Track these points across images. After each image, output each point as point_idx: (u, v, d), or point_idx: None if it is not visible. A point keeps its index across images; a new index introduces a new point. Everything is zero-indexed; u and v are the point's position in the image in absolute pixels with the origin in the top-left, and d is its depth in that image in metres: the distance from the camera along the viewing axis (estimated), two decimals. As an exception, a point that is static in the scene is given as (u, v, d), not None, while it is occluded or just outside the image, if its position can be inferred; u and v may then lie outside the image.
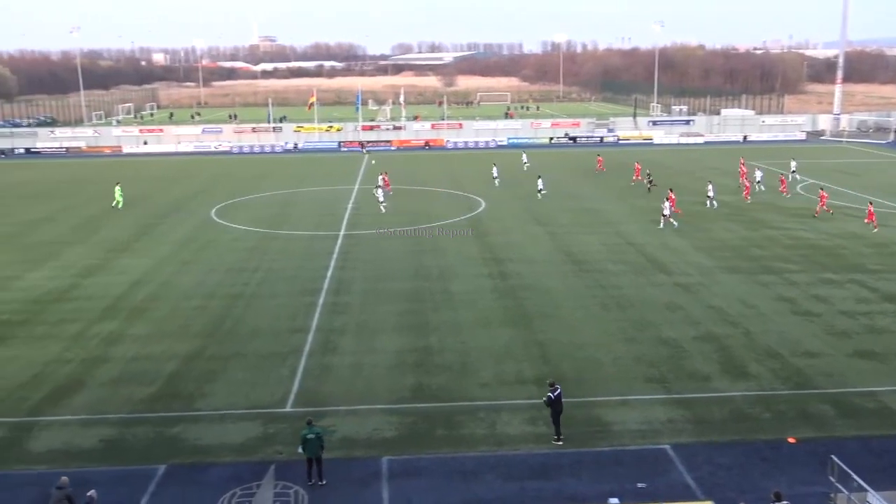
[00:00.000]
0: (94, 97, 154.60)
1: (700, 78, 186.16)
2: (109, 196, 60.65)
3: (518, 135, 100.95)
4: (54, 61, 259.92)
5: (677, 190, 53.50)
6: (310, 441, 19.08)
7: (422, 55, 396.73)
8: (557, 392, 21.12)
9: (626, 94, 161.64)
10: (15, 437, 21.80)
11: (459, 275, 37.19)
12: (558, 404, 21.09)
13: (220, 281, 36.74)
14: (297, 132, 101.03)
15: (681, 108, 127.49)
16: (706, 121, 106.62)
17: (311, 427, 19.28)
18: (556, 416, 21.15)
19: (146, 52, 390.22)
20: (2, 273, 38.72)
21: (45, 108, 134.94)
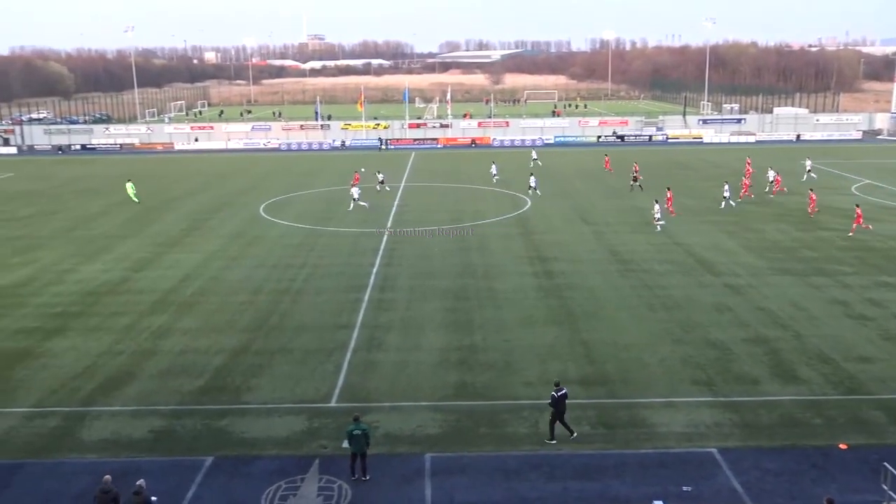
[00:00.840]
0: (148, 95, 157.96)
1: (752, 76, 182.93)
2: (162, 192, 61.94)
3: (565, 133, 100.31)
4: (110, 60, 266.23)
5: (730, 189, 52.65)
6: (356, 437, 19.21)
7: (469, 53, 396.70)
8: (561, 392, 21.04)
9: (676, 93, 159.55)
10: (68, 427, 22.36)
11: (504, 273, 37.11)
12: (561, 405, 21.00)
13: (267, 276, 37.21)
14: (345, 130, 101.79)
15: (732, 106, 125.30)
16: (758, 119, 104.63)
17: (358, 423, 19.42)
18: (554, 418, 21.04)
19: (198, 50, 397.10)
20: (58, 266, 39.74)
21: (100, 105, 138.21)
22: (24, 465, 20.28)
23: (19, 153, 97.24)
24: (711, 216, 49.60)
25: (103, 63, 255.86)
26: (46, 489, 19.15)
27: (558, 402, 20.98)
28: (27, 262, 40.82)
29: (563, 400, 21.03)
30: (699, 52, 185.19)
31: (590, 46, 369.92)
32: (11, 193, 64.05)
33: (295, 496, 18.70)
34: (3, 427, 22.32)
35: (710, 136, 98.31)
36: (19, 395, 24.39)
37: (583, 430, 21.61)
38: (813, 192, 50.28)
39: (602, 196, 57.54)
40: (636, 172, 61.12)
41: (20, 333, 29.93)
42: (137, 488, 16.90)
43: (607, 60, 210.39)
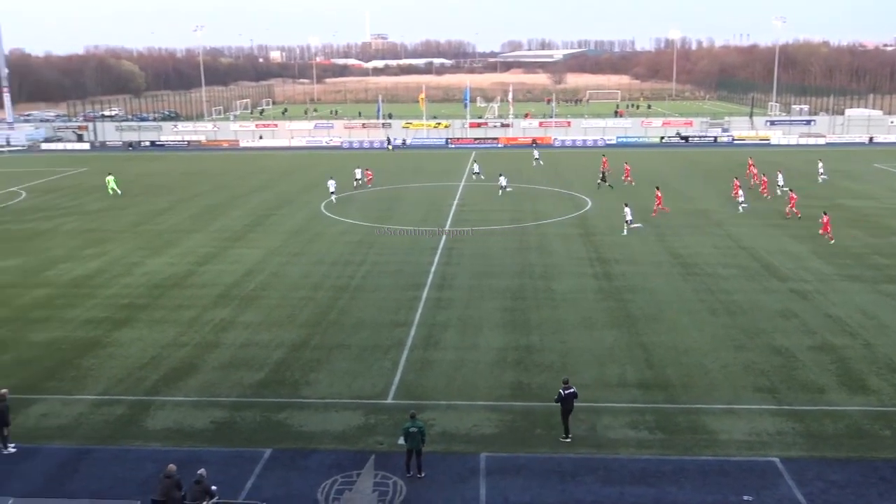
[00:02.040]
0: (215, 93, 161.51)
1: (823, 76, 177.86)
2: (227, 187, 63.22)
3: (627, 133, 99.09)
4: (179, 58, 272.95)
5: (798, 192, 51.32)
6: (412, 434, 19.32)
7: (531, 53, 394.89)
8: (569, 391, 20.84)
9: (743, 93, 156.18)
10: (133, 415, 23.01)
11: (563, 274, 36.85)
12: (567, 403, 20.83)
13: (327, 273, 37.66)
14: (406, 128, 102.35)
15: (801, 107, 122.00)
16: (828, 121, 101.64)
17: (415, 420, 19.53)
18: (564, 415, 20.93)
19: (264, 49, 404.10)
20: (127, 259, 40.92)
21: (169, 103, 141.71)
22: (93, 450, 20.94)
23: (92, 149, 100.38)
24: (778, 219, 48.41)
25: (173, 62, 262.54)
26: (113, 475, 19.73)
27: (565, 399, 20.86)
28: (98, 254, 42.14)
29: (570, 399, 20.88)
30: (768, 52, 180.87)
31: (654, 46, 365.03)
32: (84, 188, 66.19)
33: (350, 490, 18.89)
34: (73, 413, 23.09)
35: (777, 137, 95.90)
36: (88, 383, 25.19)
37: (641, 435, 21.34)
38: (793, 192, 49.75)
39: (666, 198, 56.48)
40: (603, 169, 61.55)
41: (90, 323, 30.92)
42: (198, 477, 17.29)
43: (672, 60, 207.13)
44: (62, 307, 33.07)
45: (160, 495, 17.11)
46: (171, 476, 17.23)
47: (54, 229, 48.99)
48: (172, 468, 17.43)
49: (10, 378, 25.44)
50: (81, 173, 75.99)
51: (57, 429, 22.20)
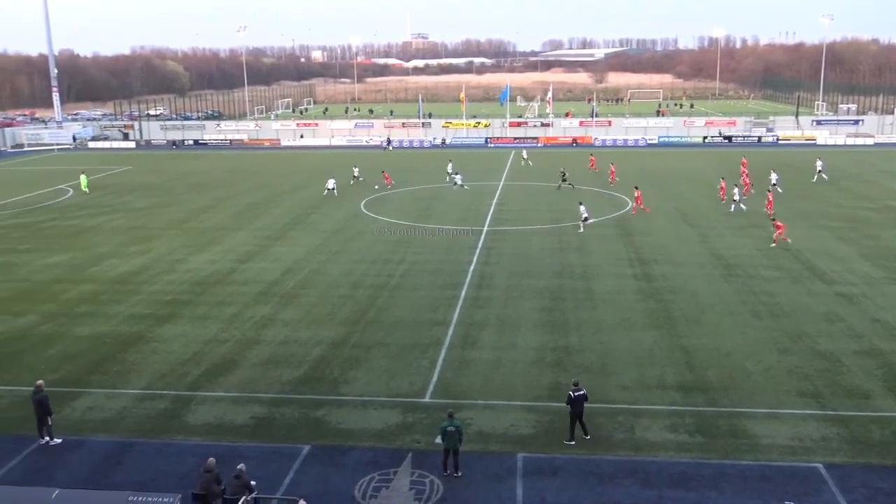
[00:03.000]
0: (257, 92, 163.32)
1: (872, 75, 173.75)
2: (269, 186, 63.87)
3: (669, 133, 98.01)
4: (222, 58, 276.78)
5: (845, 193, 50.43)
6: (449, 433, 19.35)
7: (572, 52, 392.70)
8: (579, 393, 20.66)
9: (789, 92, 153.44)
10: (176, 409, 23.37)
11: (603, 274, 36.58)
12: (578, 405, 20.61)
13: (366, 271, 37.86)
14: (446, 127, 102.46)
15: (849, 107, 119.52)
16: (877, 121, 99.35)
17: (452, 419, 19.55)
18: (573, 418, 20.75)
19: (305, 49, 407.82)
20: (171, 256, 41.58)
21: (212, 102, 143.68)
22: (135, 443, 21.32)
23: (137, 147, 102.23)
24: (824, 220, 47.51)
25: (216, 62, 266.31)
26: (155, 468, 20.07)
27: (575, 402, 20.67)
28: (142, 251, 42.89)
29: (580, 401, 20.69)
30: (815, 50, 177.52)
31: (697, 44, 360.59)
32: (130, 186, 67.42)
33: (387, 488, 18.97)
34: (117, 407, 23.53)
35: (824, 137, 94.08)
36: (132, 378, 25.65)
37: (680, 438, 21.09)
38: (770, 192, 49.24)
39: (707, 198, 55.90)
40: (563, 174, 61.16)
41: (134, 319, 31.48)
42: (238, 472, 17.49)
43: (716, 58, 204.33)
44: (107, 303, 33.72)
45: (200, 489, 17.34)
46: (211, 470, 17.45)
47: (100, 226, 49.98)
48: (212, 462, 17.66)
49: (56, 371, 26.07)
50: (127, 171, 77.39)
51: (101, 422, 22.65)
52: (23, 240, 46.26)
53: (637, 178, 62.50)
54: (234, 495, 17.13)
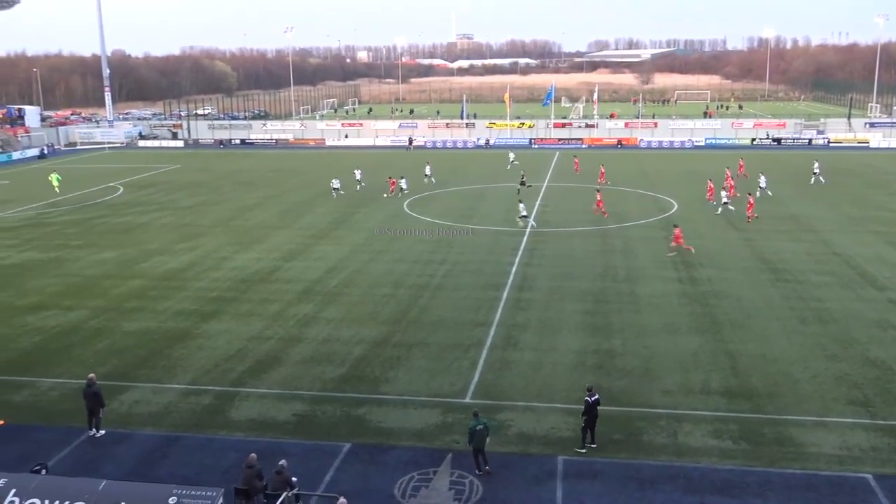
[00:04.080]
0: (303, 92, 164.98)
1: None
2: (313, 185, 64.45)
3: (717, 135, 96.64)
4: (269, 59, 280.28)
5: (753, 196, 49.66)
6: (479, 432, 19.42)
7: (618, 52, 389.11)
8: (594, 399, 20.32)
9: (841, 94, 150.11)
10: (219, 405, 23.71)
11: (647, 277, 36.20)
12: (593, 411, 20.29)
13: (408, 271, 37.99)
14: (490, 128, 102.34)
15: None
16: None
17: (478, 418, 19.64)
18: (587, 424, 20.42)
19: (351, 50, 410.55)
20: (217, 254, 42.21)
21: (259, 102, 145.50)
22: (180, 437, 21.69)
23: (185, 146, 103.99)
24: (875, 226, 46.40)
25: (263, 62, 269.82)
26: (199, 462, 20.39)
27: (591, 408, 20.35)
28: (190, 248, 43.61)
29: (595, 406, 20.38)
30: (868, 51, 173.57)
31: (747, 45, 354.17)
32: (178, 184, 68.62)
33: (427, 488, 19.01)
34: (163, 401, 23.96)
35: (877, 140, 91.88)
36: (177, 373, 26.10)
37: (724, 445, 20.78)
38: (752, 196, 48.74)
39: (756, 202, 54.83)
40: (522, 176, 60.95)
41: (180, 315, 32.03)
42: (279, 468, 17.68)
43: (765, 59, 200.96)
44: (155, 298, 34.36)
45: (243, 484, 17.58)
46: (253, 466, 17.68)
47: (149, 223, 50.94)
48: (254, 458, 17.88)
49: (105, 365, 26.64)
50: (175, 170, 78.75)
51: (147, 415, 23.09)
52: (75, 236, 47.38)
53: (682, 180, 61.74)
54: (276, 491, 17.32)
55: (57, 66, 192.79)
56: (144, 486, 15.74)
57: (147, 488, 15.41)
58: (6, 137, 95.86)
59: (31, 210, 56.56)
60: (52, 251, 43.47)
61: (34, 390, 24.99)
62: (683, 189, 60.30)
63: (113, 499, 14.71)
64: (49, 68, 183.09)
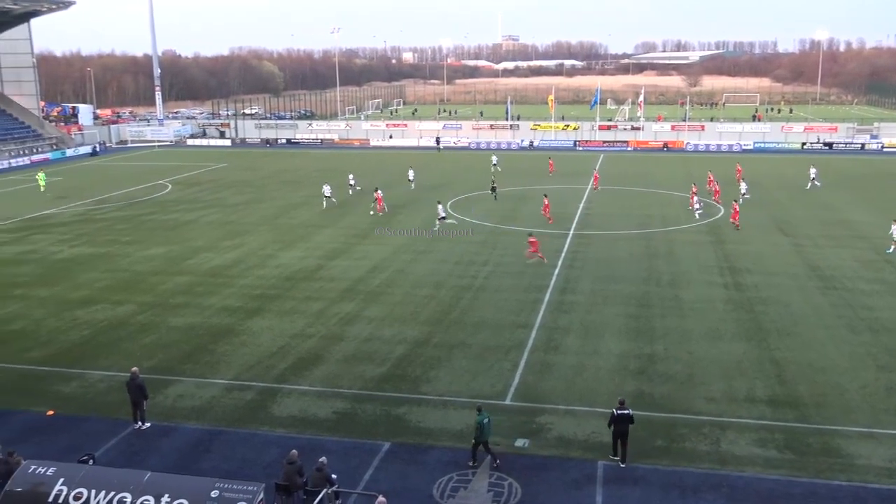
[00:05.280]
0: (348, 93, 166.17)
1: None
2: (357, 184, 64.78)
3: (766, 139, 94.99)
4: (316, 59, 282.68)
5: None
6: (486, 426, 19.73)
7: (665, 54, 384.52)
8: (623, 413, 19.85)
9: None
10: (262, 401, 23.98)
11: (692, 282, 35.71)
12: (622, 425, 19.83)
13: (450, 272, 38.01)
14: (534, 130, 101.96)
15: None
16: None
17: (483, 413, 19.95)
18: (616, 436, 20.00)
19: (397, 50, 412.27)
20: (262, 251, 42.72)
21: (305, 102, 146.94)
22: (223, 432, 21.98)
23: (233, 145, 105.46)
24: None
25: (310, 62, 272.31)
26: (241, 456, 20.65)
27: (619, 420, 19.89)
28: (235, 245, 44.20)
29: (625, 420, 19.89)
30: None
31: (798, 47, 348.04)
32: (225, 182, 69.63)
33: (466, 489, 18.99)
34: (207, 396, 24.31)
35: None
36: (221, 368, 26.46)
37: (769, 454, 20.39)
38: (737, 203, 47.94)
39: (804, 207, 53.97)
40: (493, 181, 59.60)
41: (225, 311, 32.47)
42: (319, 465, 17.82)
43: (817, 62, 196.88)
44: (201, 294, 34.89)
45: (283, 480, 17.75)
46: (294, 462, 17.84)
47: (196, 221, 51.75)
48: (295, 454, 18.04)
49: (151, 359, 27.13)
50: (222, 168, 79.91)
51: (191, 409, 23.44)
52: (125, 232, 48.35)
53: (729, 184, 60.75)
54: (316, 488, 17.45)
55: (110, 66, 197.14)
56: (187, 479, 15.97)
57: (190, 481, 15.65)
58: (60, 135, 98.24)
59: (83, 206, 57.87)
60: (102, 246, 44.43)
61: (83, 382, 25.57)
62: (731, 193, 59.25)
63: (157, 490, 14.96)
64: (102, 68, 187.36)
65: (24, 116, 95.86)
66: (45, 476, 15.46)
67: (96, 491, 15.06)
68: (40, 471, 15.59)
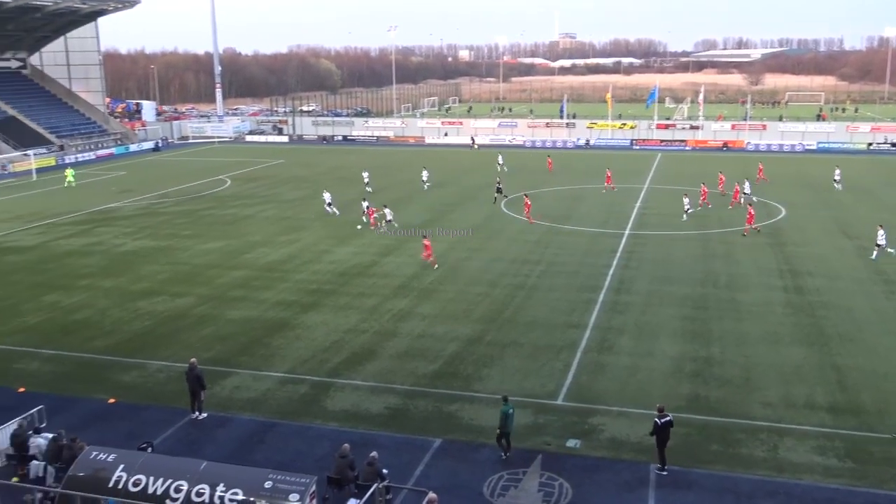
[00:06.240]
0: (404, 91, 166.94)
1: None
2: (411, 182, 65.09)
3: (830, 139, 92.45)
4: (372, 57, 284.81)
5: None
6: (510, 416, 19.98)
7: (726, 52, 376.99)
8: (665, 420, 19.36)
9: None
10: (315, 395, 24.27)
11: (750, 285, 34.99)
12: (664, 433, 19.33)
13: (504, 270, 37.91)
14: (590, 128, 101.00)
15: None
16: None
17: (508, 403, 20.20)
18: (660, 446, 19.48)
19: (453, 48, 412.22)
20: (317, 247, 43.21)
21: (361, 100, 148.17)
22: (277, 424, 22.32)
23: (290, 142, 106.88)
24: None
25: (367, 60, 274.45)
26: (294, 449, 20.94)
27: (662, 429, 19.43)
28: (291, 241, 44.81)
29: (666, 428, 19.43)
30: None
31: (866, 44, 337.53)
32: (282, 178, 70.62)
33: (516, 488, 18.93)
34: (262, 388, 24.71)
35: None
36: (276, 362, 26.86)
37: (828, 462, 19.88)
38: (752, 207, 46.01)
39: (870, 209, 52.40)
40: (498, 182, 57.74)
41: (280, 305, 32.95)
42: (371, 459, 17.97)
43: (885, 60, 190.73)
44: (257, 289, 35.46)
45: (335, 473, 17.95)
46: (346, 456, 18.02)
47: (253, 216, 52.59)
48: (347, 448, 18.23)
49: (209, 350, 27.69)
50: (279, 165, 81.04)
51: (247, 401, 23.85)
52: (185, 226, 49.42)
53: (792, 185, 59.40)
54: (367, 482, 17.60)
55: (172, 64, 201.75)
56: (242, 469, 16.27)
57: (244, 471, 15.93)
58: (124, 131, 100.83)
59: (146, 200, 59.32)
60: (163, 240, 45.49)
61: (143, 371, 26.22)
62: (792, 194, 57.98)
63: (212, 479, 15.27)
64: (165, 65, 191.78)
65: (91, 112, 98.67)
66: (106, 462, 15.91)
67: (154, 478, 15.45)
68: (102, 457, 16.05)
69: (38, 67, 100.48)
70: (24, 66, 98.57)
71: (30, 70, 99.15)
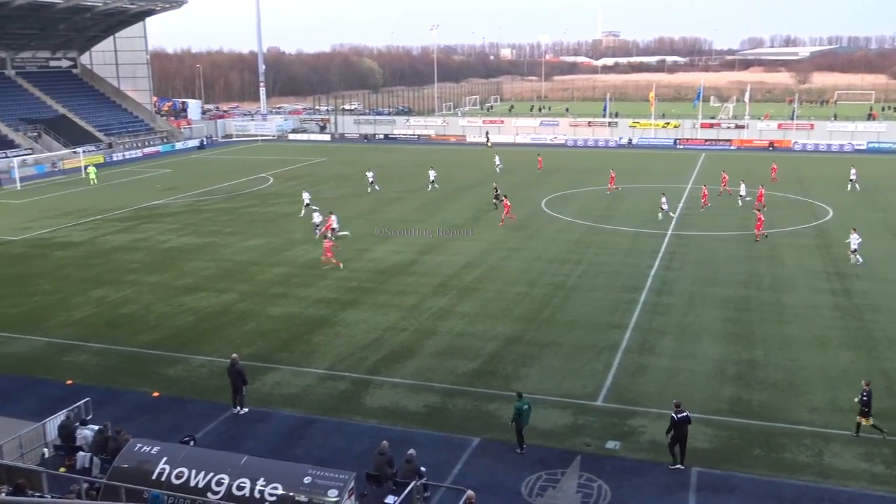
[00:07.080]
0: (446, 89, 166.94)
1: None
2: (452, 180, 65.08)
3: (880, 139, 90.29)
4: (414, 56, 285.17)
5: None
6: (525, 412, 20.08)
7: (773, 50, 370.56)
8: (682, 416, 19.19)
9: None
10: (354, 392, 24.43)
11: (795, 287, 34.36)
12: (681, 428, 19.17)
13: (544, 270, 37.74)
14: (633, 128, 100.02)
15: None
16: None
17: (523, 399, 20.33)
18: (674, 442, 19.39)
19: (495, 47, 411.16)
20: (357, 246, 43.46)
21: (403, 98, 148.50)
22: (317, 420, 22.51)
23: (332, 140, 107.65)
24: None
25: (409, 59, 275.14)
26: (333, 445, 21.10)
27: (678, 425, 19.27)
28: (332, 238, 45.02)
29: (684, 424, 19.26)
30: None
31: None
32: (323, 176, 71.16)
33: (554, 489, 18.84)
34: (302, 384, 24.94)
35: None
36: (316, 358, 27.08)
37: (876, 469, 19.44)
38: (761, 213, 43.67)
39: None
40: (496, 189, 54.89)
41: (321, 303, 33.21)
42: (409, 457, 18.03)
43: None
44: (298, 286, 35.79)
45: (374, 470, 18.04)
46: (384, 453, 18.10)
47: (295, 213, 53.05)
48: (385, 445, 18.30)
49: (251, 346, 28.03)
50: (321, 163, 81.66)
51: (287, 397, 24.10)
52: (228, 223, 50.08)
53: (839, 186, 58.12)
54: (405, 479, 17.66)
55: (218, 63, 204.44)
56: (282, 464, 16.42)
57: (284, 466, 16.08)
58: (170, 129, 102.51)
59: (190, 197, 60.24)
60: (206, 236, 46.16)
61: (186, 366, 26.64)
62: (840, 195, 56.78)
63: (253, 474, 15.45)
64: (211, 64, 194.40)
65: (138, 111, 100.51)
66: (150, 454, 16.18)
67: (196, 471, 15.67)
68: (145, 449, 16.33)
69: (88, 67, 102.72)
70: (75, 66, 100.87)
71: (80, 69, 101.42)
